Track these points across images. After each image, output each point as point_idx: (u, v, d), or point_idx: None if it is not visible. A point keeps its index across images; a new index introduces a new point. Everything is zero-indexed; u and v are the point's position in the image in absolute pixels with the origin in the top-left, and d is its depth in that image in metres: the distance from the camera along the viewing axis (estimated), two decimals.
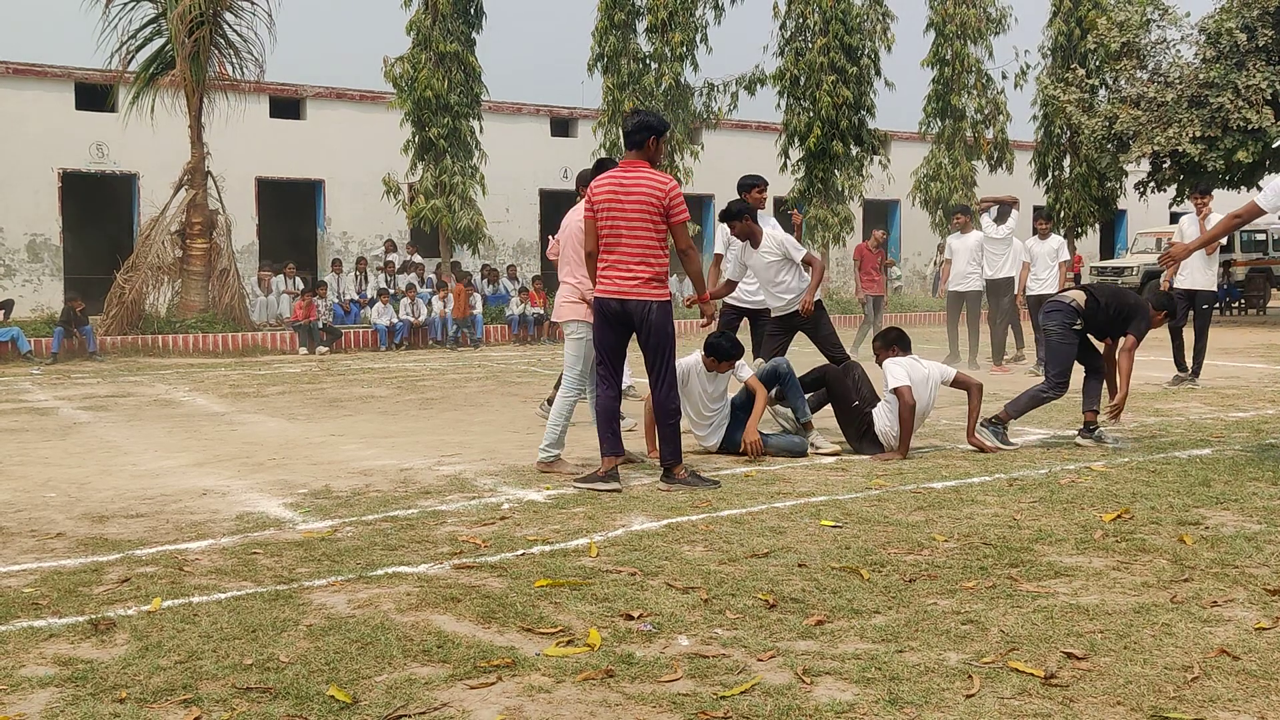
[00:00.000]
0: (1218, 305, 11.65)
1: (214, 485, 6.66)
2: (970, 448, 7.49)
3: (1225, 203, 31.60)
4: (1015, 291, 13.40)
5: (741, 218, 8.03)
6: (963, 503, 5.81)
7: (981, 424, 7.58)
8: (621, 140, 23.09)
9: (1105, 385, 7.86)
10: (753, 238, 8.09)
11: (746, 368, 7.52)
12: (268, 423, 9.61)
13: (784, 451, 7.37)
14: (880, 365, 7.46)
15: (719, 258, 9.57)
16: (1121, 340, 7.66)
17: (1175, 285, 11.56)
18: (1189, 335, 11.48)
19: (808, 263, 8.15)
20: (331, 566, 4.72)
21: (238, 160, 22.38)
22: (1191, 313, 11.48)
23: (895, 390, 7.21)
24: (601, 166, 7.23)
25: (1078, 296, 7.74)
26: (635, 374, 9.42)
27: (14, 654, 3.68)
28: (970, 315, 13.81)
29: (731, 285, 8.48)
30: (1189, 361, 11.43)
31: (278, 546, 5.08)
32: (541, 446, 6.92)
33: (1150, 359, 14.53)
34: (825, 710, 3.15)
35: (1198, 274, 11.49)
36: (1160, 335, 10.48)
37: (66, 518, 5.79)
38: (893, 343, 7.63)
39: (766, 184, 8.88)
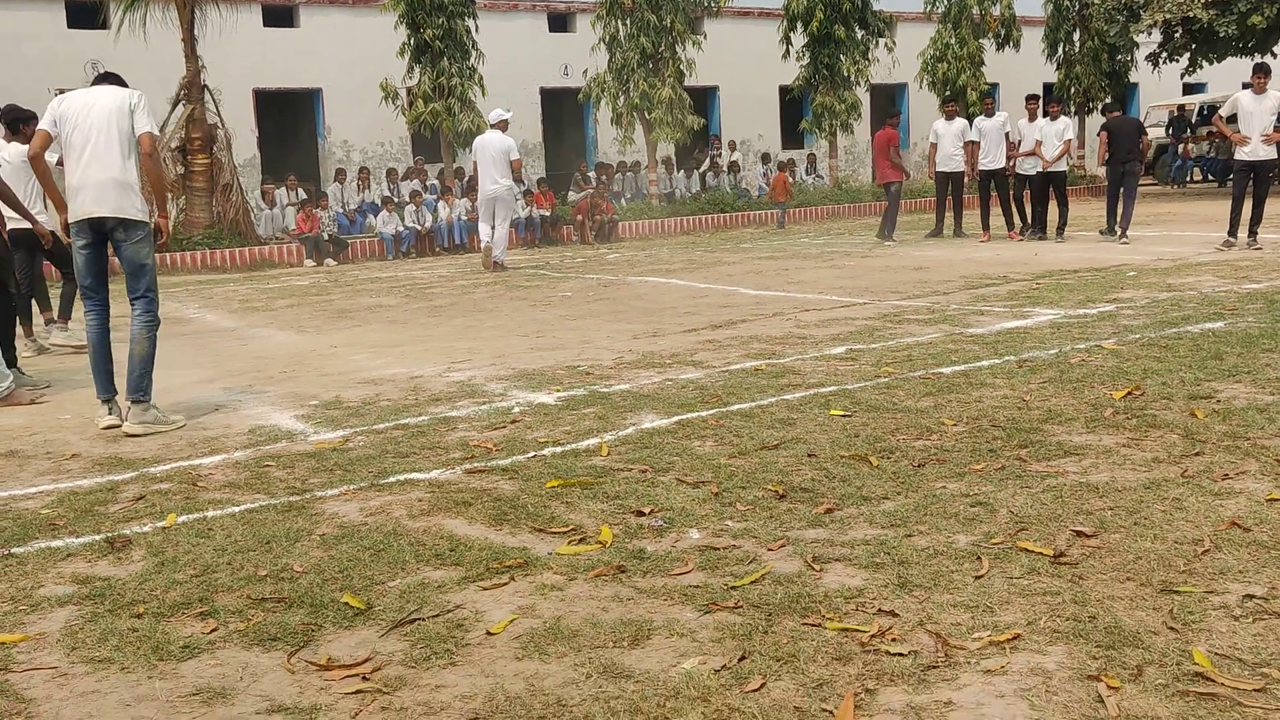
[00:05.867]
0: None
1: (226, 400, 6.69)
2: (981, 330, 7.46)
3: (1237, 70, 30.61)
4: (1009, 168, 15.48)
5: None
6: (972, 386, 5.79)
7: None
8: (621, 34, 22.59)
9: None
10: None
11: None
12: (277, 336, 9.61)
13: None
14: None
15: None
16: None
17: (1238, 157, 12.57)
18: (1247, 206, 12.49)
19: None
20: (343, 476, 4.74)
21: (234, 73, 22.03)
22: (1253, 182, 12.46)
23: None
24: None
25: None
26: None
27: (33, 574, 3.72)
28: (955, 193, 16.53)
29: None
30: (1242, 230, 12.54)
31: (290, 458, 5.11)
32: None
33: (1195, 234, 14.38)
34: (835, 596, 3.17)
35: (1260, 147, 12.33)
36: (1215, 211, 10.41)
37: (81, 439, 5.83)
38: None
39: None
